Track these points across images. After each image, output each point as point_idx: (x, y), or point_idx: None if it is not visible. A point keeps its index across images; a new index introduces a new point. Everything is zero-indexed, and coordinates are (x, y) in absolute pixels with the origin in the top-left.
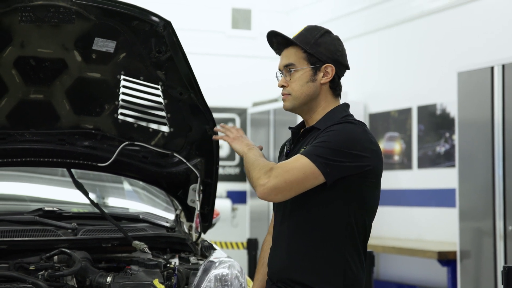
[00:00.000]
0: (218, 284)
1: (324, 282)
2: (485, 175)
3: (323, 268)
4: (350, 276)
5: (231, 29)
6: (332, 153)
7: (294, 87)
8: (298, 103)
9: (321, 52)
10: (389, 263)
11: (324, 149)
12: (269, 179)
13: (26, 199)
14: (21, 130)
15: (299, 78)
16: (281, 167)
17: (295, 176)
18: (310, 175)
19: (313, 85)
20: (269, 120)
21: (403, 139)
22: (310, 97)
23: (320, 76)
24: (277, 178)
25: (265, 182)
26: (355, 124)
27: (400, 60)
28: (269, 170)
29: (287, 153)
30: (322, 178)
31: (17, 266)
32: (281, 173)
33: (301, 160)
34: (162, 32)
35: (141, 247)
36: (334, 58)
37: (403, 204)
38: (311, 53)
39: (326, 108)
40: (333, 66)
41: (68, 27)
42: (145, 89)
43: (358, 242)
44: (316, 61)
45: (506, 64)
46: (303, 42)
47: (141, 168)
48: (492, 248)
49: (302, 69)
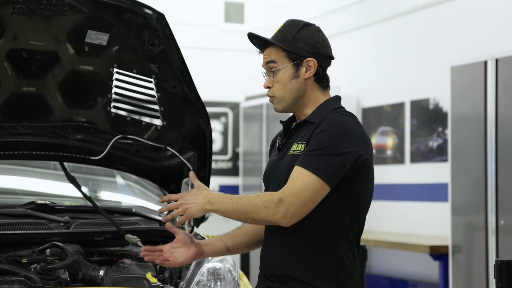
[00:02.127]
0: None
1: (318, 278)
2: (477, 170)
3: (317, 264)
4: (344, 271)
5: (224, 23)
6: (332, 160)
7: (278, 87)
8: (286, 103)
9: (301, 47)
10: (381, 257)
11: (325, 157)
12: (284, 208)
13: (18, 192)
14: (13, 123)
15: (282, 77)
16: (290, 193)
17: (306, 196)
18: (319, 189)
19: (296, 81)
20: (262, 114)
21: (396, 134)
22: (296, 95)
23: (303, 72)
24: (292, 205)
25: (284, 213)
26: (346, 116)
27: (393, 54)
28: (278, 201)
29: (279, 147)
30: (328, 187)
31: (9, 259)
32: (293, 199)
33: (305, 176)
34: (155, 24)
35: (133, 241)
36: (314, 51)
37: (395, 198)
38: (290, 50)
39: (316, 101)
40: (314, 60)
41: (61, 20)
42: (138, 82)
43: (352, 237)
44: (297, 57)
45: (499, 59)
46: (281, 41)
47: (134, 162)
48: (484, 242)
49: (283, 68)
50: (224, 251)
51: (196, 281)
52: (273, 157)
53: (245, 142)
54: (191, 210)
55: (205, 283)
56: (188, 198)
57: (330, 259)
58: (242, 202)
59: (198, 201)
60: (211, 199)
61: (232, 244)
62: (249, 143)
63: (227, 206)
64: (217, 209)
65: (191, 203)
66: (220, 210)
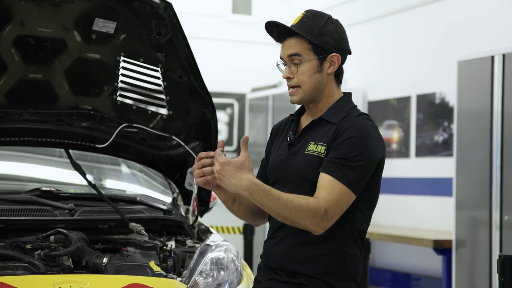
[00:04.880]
0: (214, 267)
1: (325, 272)
2: (482, 165)
3: (325, 259)
4: (350, 266)
5: (232, 14)
6: (362, 171)
7: (303, 79)
8: (308, 95)
9: (327, 41)
10: (384, 251)
11: (355, 169)
12: (328, 222)
13: (24, 178)
14: (20, 110)
15: (306, 70)
16: (333, 204)
17: (343, 207)
18: (350, 200)
19: (320, 76)
20: (268, 106)
21: (401, 128)
22: (317, 88)
23: (327, 66)
24: (333, 217)
25: (326, 225)
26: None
27: (400, 48)
28: (324, 213)
29: (291, 143)
30: (354, 197)
31: (13, 245)
32: (334, 211)
33: (339, 187)
34: (162, 14)
35: (137, 229)
36: (339, 46)
37: (400, 192)
38: (317, 44)
39: (331, 96)
40: (339, 55)
41: (68, 7)
42: (144, 71)
43: (358, 233)
44: (322, 51)
45: (506, 54)
46: (307, 33)
47: (139, 150)
48: (487, 237)
49: (309, 61)
50: (231, 199)
51: (199, 270)
52: (282, 151)
53: (250, 133)
54: (224, 182)
55: (208, 272)
56: (229, 172)
57: (338, 254)
58: (292, 205)
59: (234, 180)
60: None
61: (238, 200)
62: (254, 134)
63: (272, 203)
64: (257, 200)
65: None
66: (261, 203)
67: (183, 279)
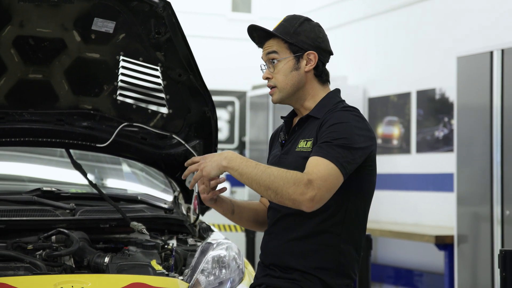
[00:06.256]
0: (215, 265)
1: (318, 268)
2: (483, 160)
3: (318, 254)
4: (344, 262)
5: (231, 12)
6: (347, 153)
7: (279, 78)
8: (286, 94)
9: (302, 40)
10: (386, 247)
11: (341, 148)
12: (313, 191)
13: (25, 179)
14: (20, 110)
15: (283, 68)
16: (318, 176)
17: (331, 183)
18: (338, 178)
19: (297, 73)
20: (269, 103)
21: (402, 124)
22: (296, 87)
23: (304, 64)
24: (320, 189)
25: (312, 195)
26: (350, 111)
27: (399, 44)
28: (308, 183)
29: (283, 143)
30: (342, 179)
31: (15, 246)
32: (321, 183)
33: (326, 163)
34: (161, 13)
35: (139, 228)
36: (315, 45)
37: (401, 188)
38: (292, 43)
39: (316, 95)
40: (315, 53)
41: (68, 7)
42: (144, 70)
43: (355, 229)
44: (298, 49)
45: (505, 49)
46: (283, 33)
47: (140, 149)
48: (489, 232)
49: (284, 59)
50: (229, 211)
51: (201, 268)
52: (276, 152)
53: (251, 131)
54: (206, 168)
55: (210, 270)
56: (206, 157)
57: (331, 250)
58: (270, 171)
59: (214, 158)
60: (228, 156)
61: (237, 211)
62: (255, 132)
63: (250, 169)
64: (236, 169)
65: (208, 161)
66: (239, 171)
67: (184, 278)
